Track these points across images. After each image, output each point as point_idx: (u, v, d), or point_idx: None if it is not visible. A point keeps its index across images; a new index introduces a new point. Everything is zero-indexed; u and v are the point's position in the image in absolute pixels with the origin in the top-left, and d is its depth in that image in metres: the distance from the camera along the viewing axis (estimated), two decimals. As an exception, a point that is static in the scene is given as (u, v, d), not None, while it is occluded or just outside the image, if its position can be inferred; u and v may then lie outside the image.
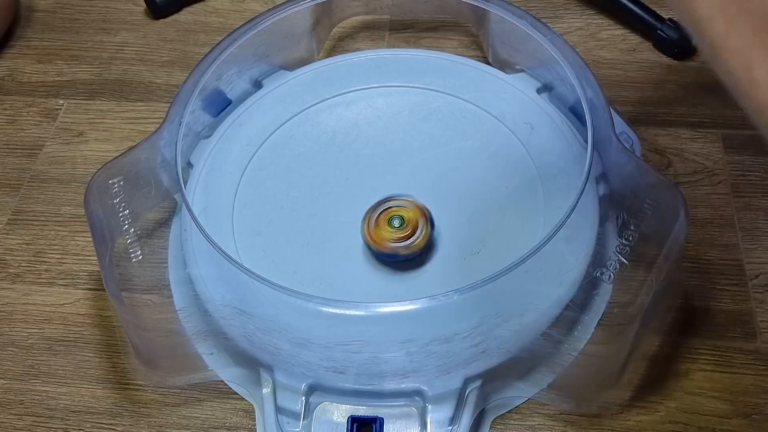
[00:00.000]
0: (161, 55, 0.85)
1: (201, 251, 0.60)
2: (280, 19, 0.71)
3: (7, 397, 0.61)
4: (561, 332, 0.58)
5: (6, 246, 0.70)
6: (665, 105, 0.77)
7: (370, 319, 0.56)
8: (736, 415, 0.57)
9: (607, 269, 0.56)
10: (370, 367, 0.55)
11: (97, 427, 0.59)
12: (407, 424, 0.55)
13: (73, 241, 0.70)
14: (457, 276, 0.59)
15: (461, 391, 0.55)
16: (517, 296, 0.57)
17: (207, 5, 0.90)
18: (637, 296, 0.54)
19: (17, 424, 0.59)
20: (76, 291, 0.66)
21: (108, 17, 0.89)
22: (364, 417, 0.55)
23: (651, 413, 0.58)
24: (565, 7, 0.87)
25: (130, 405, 0.60)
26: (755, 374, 0.59)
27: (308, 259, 0.61)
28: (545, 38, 0.67)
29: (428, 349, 0.55)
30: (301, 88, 0.72)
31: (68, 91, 0.82)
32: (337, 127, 0.69)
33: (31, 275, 0.68)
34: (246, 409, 0.59)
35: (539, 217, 0.62)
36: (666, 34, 0.80)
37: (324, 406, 0.56)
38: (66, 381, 0.61)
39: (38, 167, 0.75)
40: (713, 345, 0.61)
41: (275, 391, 0.56)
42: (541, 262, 0.55)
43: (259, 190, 0.66)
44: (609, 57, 0.82)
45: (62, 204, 0.72)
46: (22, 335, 0.64)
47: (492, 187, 0.65)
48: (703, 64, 0.80)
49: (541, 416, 0.58)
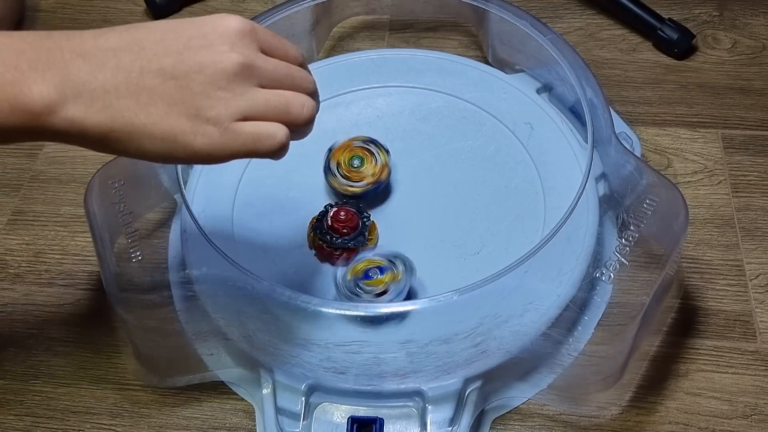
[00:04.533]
0: (161, 55, 0.85)
1: (201, 251, 0.60)
2: (280, 19, 0.71)
3: (7, 397, 0.61)
4: (561, 332, 0.58)
5: (6, 246, 0.70)
6: (665, 105, 0.77)
7: (370, 320, 0.56)
8: (736, 416, 0.57)
9: (606, 269, 0.56)
10: (370, 368, 0.55)
11: (97, 427, 0.59)
12: (407, 425, 0.55)
13: (73, 241, 0.70)
14: (457, 276, 0.59)
15: (461, 391, 0.55)
16: (517, 296, 0.57)
17: (207, 5, 0.90)
18: (637, 296, 0.54)
19: (17, 424, 0.59)
20: (76, 291, 0.66)
21: (108, 17, 0.89)
22: (364, 417, 0.55)
23: (651, 413, 0.58)
24: (565, 7, 0.87)
25: (130, 405, 0.60)
26: (755, 374, 0.59)
27: (308, 260, 0.61)
28: (545, 38, 0.67)
29: (428, 350, 0.55)
30: (301, 88, 0.72)
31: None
32: (337, 127, 0.69)
33: (31, 275, 0.68)
34: (246, 409, 0.59)
35: (539, 217, 0.62)
36: (666, 34, 0.80)
37: (324, 406, 0.56)
38: (66, 381, 0.61)
39: (38, 167, 0.75)
40: (713, 345, 0.61)
41: (275, 392, 0.56)
42: (541, 262, 0.55)
43: (259, 190, 0.66)
44: (609, 57, 0.82)
45: (62, 204, 0.72)
46: (22, 335, 0.64)
47: (492, 187, 0.65)
48: (703, 64, 0.81)
49: (541, 416, 0.58)
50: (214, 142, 0.41)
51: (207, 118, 0.41)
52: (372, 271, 0.57)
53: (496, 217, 0.63)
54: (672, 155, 0.73)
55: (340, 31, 0.85)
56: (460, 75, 0.72)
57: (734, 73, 0.79)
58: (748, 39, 0.83)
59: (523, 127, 0.68)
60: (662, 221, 0.57)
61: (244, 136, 0.42)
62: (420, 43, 0.84)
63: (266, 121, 0.43)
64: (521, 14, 0.69)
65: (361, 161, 0.63)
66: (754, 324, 0.62)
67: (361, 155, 0.63)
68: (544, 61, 0.68)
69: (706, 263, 0.65)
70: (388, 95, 0.72)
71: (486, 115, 0.69)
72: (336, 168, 0.63)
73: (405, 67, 0.73)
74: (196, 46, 0.42)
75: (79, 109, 0.39)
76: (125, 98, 0.40)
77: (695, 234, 0.67)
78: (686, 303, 0.63)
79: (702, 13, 0.85)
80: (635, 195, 0.59)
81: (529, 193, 0.64)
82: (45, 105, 0.39)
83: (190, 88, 0.41)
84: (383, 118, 0.70)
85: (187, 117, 0.41)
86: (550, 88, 0.71)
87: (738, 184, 0.70)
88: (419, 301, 0.54)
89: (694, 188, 0.70)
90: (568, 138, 0.67)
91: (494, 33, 0.75)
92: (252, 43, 0.43)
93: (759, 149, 0.73)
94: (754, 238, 0.67)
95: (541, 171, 0.65)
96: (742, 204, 0.69)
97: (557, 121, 0.68)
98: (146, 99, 0.41)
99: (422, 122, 0.70)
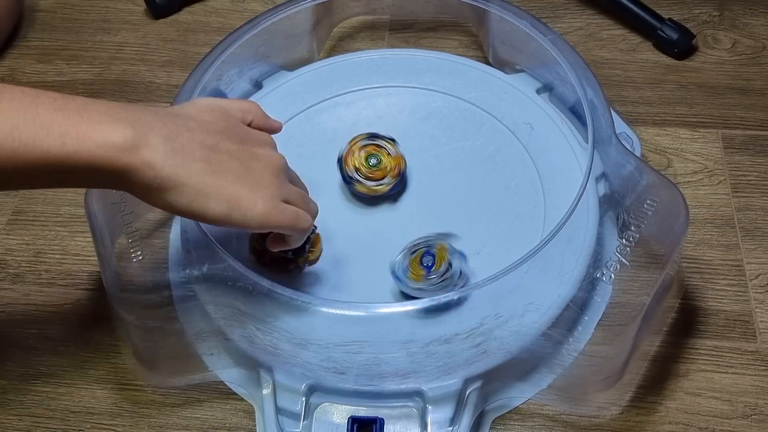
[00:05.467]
0: (161, 55, 0.85)
1: (201, 251, 0.60)
2: (280, 19, 0.71)
3: (7, 397, 0.61)
4: (561, 332, 0.58)
5: (6, 246, 0.70)
6: (665, 105, 0.77)
7: (371, 320, 0.56)
8: (736, 416, 0.57)
9: (607, 269, 0.56)
10: (370, 368, 0.55)
11: (97, 427, 0.59)
12: (407, 425, 0.55)
13: (73, 241, 0.70)
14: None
15: (461, 391, 0.55)
16: (518, 296, 0.57)
17: (207, 5, 0.90)
18: (638, 296, 0.54)
19: (17, 424, 0.59)
20: (76, 291, 0.66)
21: (108, 17, 0.89)
22: (365, 417, 0.55)
23: (651, 413, 0.58)
24: (565, 7, 0.87)
25: (130, 405, 0.60)
26: (755, 374, 0.59)
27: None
28: (545, 38, 0.67)
29: (428, 350, 0.55)
30: (301, 88, 0.72)
31: (68, 91, 0.81)
32: (337, 127, 0.69)
33: (31, 275, 0.68)
34: (246, 409, 0.59)
35: (539, 217, 0.62)
36: (666, 34, 0.80)
37: (324, 406, 0.56)
38: (66, 381, 0.61)
39: (38, 167, 0.75)
40: (713, 345, 0.61)
41: (275, 392, 0.56)
42: (541, 262, 0.55)
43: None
44: (609, 57, 0.82)
45: (62, 204, 0.72)
46: (22, 335, 0.64)
47: (492, 187, 0.65)
48: (703, 64, 0.81)
49: (541, 416, 0.58)
50: (268, 212, 0.49)
51: (265, 193, 0.49)
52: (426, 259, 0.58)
53: (496, 217, 0.63)
54: (672, 155, 0.73)
55: (340, 31, 0.85)
56: (460, 75, 0.72)
57: (734, 73, 0.79)
58: (748, 39, 0.83)
59: (523, 127, 0.68)
60: (662, 221, 0.57)
61: (289, 213, 0.51)
62: (420, 43, 0.84)
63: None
64: (521, 14, 0.69)
65: (378, 158, 0.63)
66: (754, 324, 0.62)
67: (374, 153, 0.63)
68: (545, 61, 0.68)
69: (706, 263, 0.65)
70: (388, 95, 0.72)
71: (486, 115, 0.69)
72: (356, 173, 0.63)
73: (405, 67, 0.73)
74: (252, 144, 0.51)
75: (159, 154, 0.45)
76: (199, 162, 0.47)
77: (695, 234, 0.67)
78: (686, 303, 0.63)
79: (702, 13, 0.85)
80: (635, 195, 0.59)
81: (529, 193, 0.64)
82: (130, 143, 0.44)
83: (252, 170, 0.49)
84: (383, 118, 0.70)
85: (250, 189, 0.48)
86: (551, 88, 0.71)
87: (738, 184, 0.70)
88: (419, 301, 0.54)
89: (694, 188, 0.70)
90: (568, 138, 0.67)
91: (494, 33, 0.75)
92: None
93: (759, 149, 0.73)
94: (754, 238, 0.67)
95: (541, 171, 0.65)
96: (742, 204, 0.69)
97: (557, 121, 0.68)
98: (217, 168, 0.47)
99: (422, 122, 0.70)
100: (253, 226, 0.49)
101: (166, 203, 0.46)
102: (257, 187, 0.49)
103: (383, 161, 0.63)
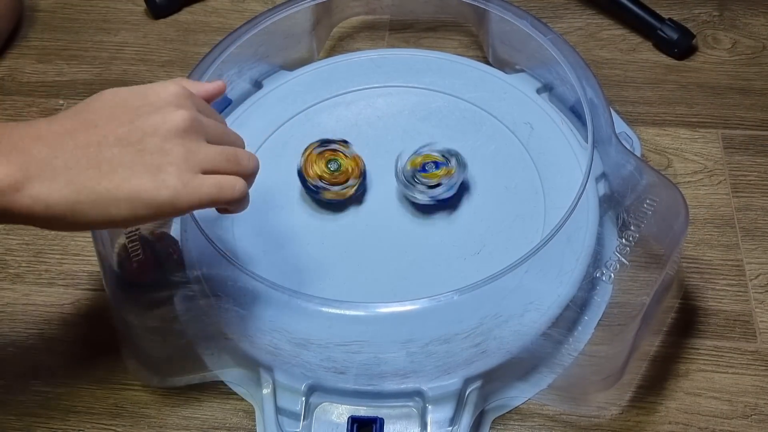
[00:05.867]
0: (161, 55, 0.85)
1: (201, 252, 0.60)
2: (280, 19, 0.71)
3: (7, 397, 0.61)
4: (561, 332, 0.58)
5: (6, 246, 0.70)
6: (665, 105, 0.77)
7: (371, 320, 0.56)
8: (736, 416, 0.57)
9: (607, 269, 0.56)
10: (370, 368, 0.55)
11: (97, 427, 0.59)
12: (407, 425, 0.55)
13: (73, 241, 0.70)
14: (457, 276, 0.59)
15: (461, 391, 0.55)
16: (518, 296, 0.57)
17: (207, 5, 0.90)
18: (637, 296, 0.54)
19: (17, 424, 0.59)
20: (76, 291, 0.66)
21: (108, 17, 0.89)
22: (365, 417, 0.55)
23: (651, 413, 0.58)
24: (565, 7, 0.87)
25: (130, 405, 0.60)
26: (755, 374, 0.59)
27: (308, 260, 0.61)
28: (545, 38, 0.67)
29: (428, 350, 0.55)
30: (301, 88, 0.72)
31: (68, 91, 0.82)
32: (337, 127, 0.69)
33: (31, 275, 0.68)
34: (246, 409, 0.59)
35: (539, 217, 0.62)
36: (666, 34, 0.80)
37: (324, 406, 0.56)
38: (66, 381, 0.61)
39: (38, 167, 0.75)
40: (713, 345, 0.61)
41: (275, 392, 0.56)
42: (541, 262, 0.55)
43: (259, 190, 0.66)
44: (609, 57, 0.82)
45: (62, 204, 0.72)
46: (22, 335, 0.64)
47: (492, 187, 0.65)
48: (703, 64, 0.81)
49: (541, 416, 0.58)
50: (178, 193, 0.44)
51: (168, 173, 0.44)
52: (428, 165, 0.61)
53: (496, 217, 0.63)
54: (672, 155, 0.73)
55: (340, 31, 0.85)
56: (460, 75, 0.72)
57: (734, 73, 0.79)
58: (748, 39, 0.83)
59: (523, 127, 0.68)
60: (662, 221, 0.57)
61: (206, 187, 0.45)
62: (420, 43, 0.84)
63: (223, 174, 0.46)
64: (521, 14, 0.69)
65: (338, 162, 0.62)
66: (754, 324, 0.62)
67: (332, 158, 0.62)
68: (545, 61, 0.68)
69: (706, 263, 0.65)
70: (388, 95, 0.72)
71: (486, 115, 0.69)
72: (320, 181, 0.62)
73: (405, 67, 0.73)
74: (146, 113, 0.45)
75: (44, 185, 0.41)
76: (86, 170, 0.43)
77: (695, 234, 0.67)
78: (686, 303, 0.63)
79: (702, 13, 0.85)
80: (635, 195, 0.59)
81: (529, 193, 0.64)
82: (9, 184, 0.40)
83: (147, 149, 0.44)
84: (383, 118, 0.70)
85: (149, 175, 0.43)
86: (551, 88, 0.71)
87: (738, 184, 0.70)
88: (419, 301, 0.54)
89: (694, 188, 0.70)
90: (568, 138, 0.67)
91: (494, 33, 0.75)
92: (192, 104, 0.47)
93: (759, 149, 0.73)
94: (754, 238, 0.67)
95: (541, 171, 0.65)
96: (742, 204, 0.69)
97: (557, 121, 0.68)
98: (107, 168, 0.43)
99: (422, 122, 0.70)
100: (168, 213, 0.44)
101: (70, 226, 0.43)
102: (157, 170, 0.43)
103: (343, 164, 0.62)
